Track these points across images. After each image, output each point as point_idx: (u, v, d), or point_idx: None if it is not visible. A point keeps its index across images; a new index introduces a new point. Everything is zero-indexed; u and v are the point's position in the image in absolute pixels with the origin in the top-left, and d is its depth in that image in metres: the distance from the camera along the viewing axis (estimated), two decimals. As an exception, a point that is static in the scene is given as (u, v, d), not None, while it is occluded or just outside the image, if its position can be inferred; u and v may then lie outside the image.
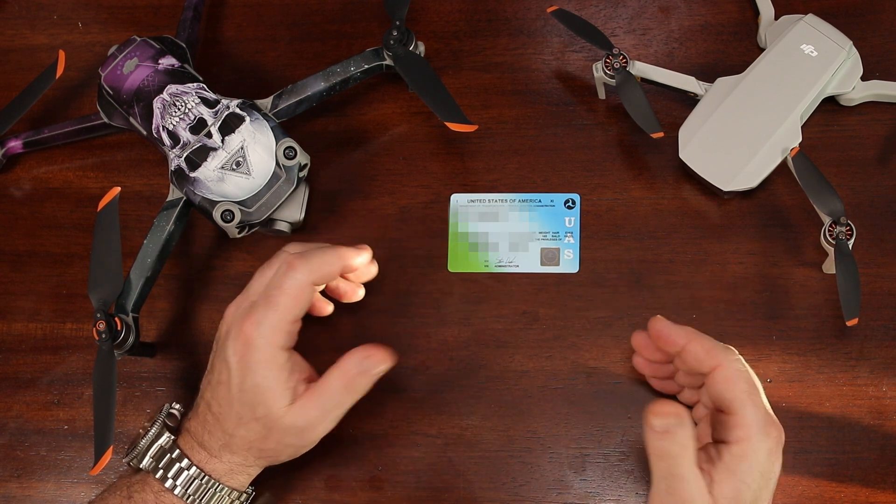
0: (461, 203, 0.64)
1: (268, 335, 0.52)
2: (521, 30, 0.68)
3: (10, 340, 0.64)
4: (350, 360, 0.53)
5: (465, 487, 0.58)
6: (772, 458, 0.49)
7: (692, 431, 0.49)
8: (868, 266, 0.59)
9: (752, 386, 0.50)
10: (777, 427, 0.50)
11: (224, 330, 0.54)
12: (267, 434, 0.53)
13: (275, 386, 0.52)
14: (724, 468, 0.49)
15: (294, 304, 0.52)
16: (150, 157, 0.67)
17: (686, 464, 0.49)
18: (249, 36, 0.70)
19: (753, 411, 0.49)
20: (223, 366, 0.53)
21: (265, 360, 0.52)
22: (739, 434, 0.49)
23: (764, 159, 0.60)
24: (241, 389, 0.52)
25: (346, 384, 0.53)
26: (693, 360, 0.52)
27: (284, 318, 0.52)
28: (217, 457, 0.53)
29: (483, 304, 0.62)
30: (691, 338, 0.52)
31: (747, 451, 0.49)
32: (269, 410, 0.52)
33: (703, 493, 0.48)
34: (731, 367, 0.50)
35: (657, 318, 0.54)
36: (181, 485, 0.52)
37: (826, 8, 0.65)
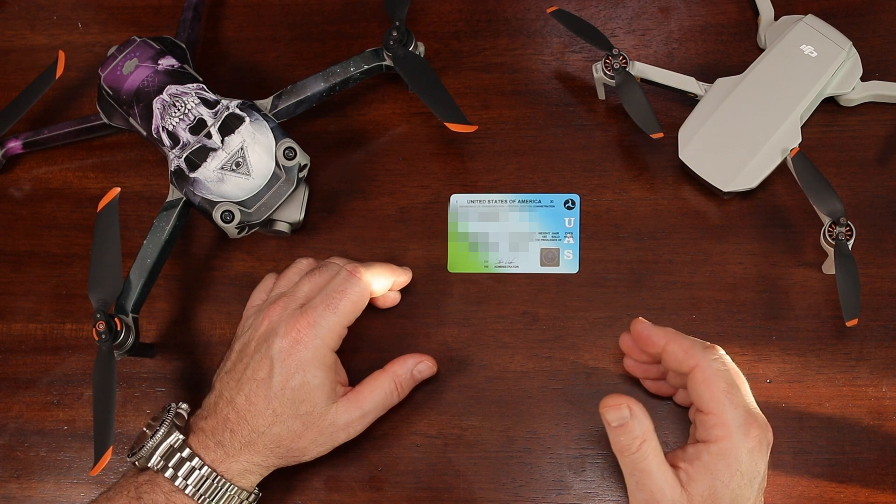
0: (461, 203, 0.64)
1: (323, 335, 0.54)
2: (521, 30, 0.68)
3: (10, 341, 0.64)
4: (403, 365, 0.58)
5: (465, 488, 0.58)
6: (754, 457, 0.49)
7: (648, 424, 0.50)
8: (868, 266, 0.59)
9: (730, 385, 0.50)
10: (760, 426, 0.50)
11: (265, 329, 0.55)
12: (303, 432, 0.54)
13: (322, 385, 0.54)
14: (701, 466, 0.49)
15: (353, 310, 0.55)
16: (149, 158, 0.67)
17: (649, 457, 0.50)
18: (249, 36, 0.70)
19: (732, 410, 0.49)
20: (263, 363, 0.54)
21: (316, 360, 0.54)
22: (718, 433, 0.49)
23: (764, 160, 0.60)
24: (284, 387, 0.53)
25: (398, 387, 0.57)
26: (672, 360, 0.52)
27: (341, 321, 0.55)
28: (234, 456, 0.53)
29: (483, 305, 0.62)
30: (670, 338, 0.52)
31: (726, 451, 0.49)
32: (314, 408, 0.54)
33: (674, 488, 0.49)
34: (709, 366, 0.50)
35: (638, 319, 0.54)
36: (192, 484, 0.52)
37: (826, 8, 0.65)
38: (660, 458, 0.50)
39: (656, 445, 0.50)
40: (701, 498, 0.49)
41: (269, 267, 0.63)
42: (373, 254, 0.63)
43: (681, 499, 0.49)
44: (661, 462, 0.50)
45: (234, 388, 0.54)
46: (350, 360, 0.60)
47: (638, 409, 0.50)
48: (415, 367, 0.58)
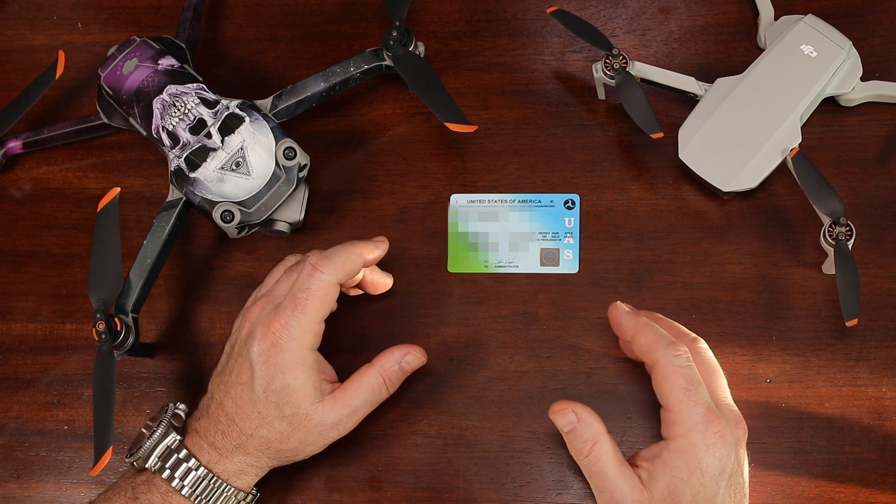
0: (461, 203, 0.64)
1: (297, 336, 0.53)
2: (520, 30, 0.68)
3: (10, 341, 0.64)
4: (390, 357, 0.56)
5: (465, 488, 0.58)
6: (715, 453, 0.49)
7: (598, 426, 0.50)
8: (868, 266, 0.59)
9: (690, 382, 0.50)
10: (723, 422, 0.49)
11: (246, 331, 0.54)
12: (291, 433, 0.53)
13: (304, 386, 0.53)
14: (661, 464, 0.49)
15: (321, 305, 0.53)
16: (149, 158, 0.67)
17: (602, 458, 0.50)
18: (249, 36, 0.70)
19: (690, 408, 0.49)
20: (245, 366, 0.53)
21: (294, 361, 0.53)
22: (676, 430, 0.49)
23: (764, 159, 0.60)
24: (266, 390, 0.53)
25: (385, 380, 0.55)
26: (639, 352, 0.52)
27: (313, 318, 0.53)
28: (227, 457, 0.53)
29: (483, 305, 0.62)
30: (638, 329, 0.52)
31: (683, 448, 0.49)
32: (298, 409, 0.53)
33: (634, 487, 0.49)
34: (670, 363, 0.50)
35: (615, 304, 0.54)
36: (189, 485, 0.52)
37: (826, 8, 0.65)
38: (615, 458, 0.50)
39: (609, 447, 0.50)
40: (661, 496, 0.49)
41: (269, 267, 0.63)
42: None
43: (641, 498, 0.49)
44: (616, 463, 0.50)
45: (223, 390, 0.54)
46: (350, 360, 0.60)
47: (585, 414, 0.51)
48: (402, 360, 0.56)
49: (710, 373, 0.52)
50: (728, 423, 0.50)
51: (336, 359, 0.59)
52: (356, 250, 0.55)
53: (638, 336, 0.52)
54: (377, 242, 0.57)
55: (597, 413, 0.51)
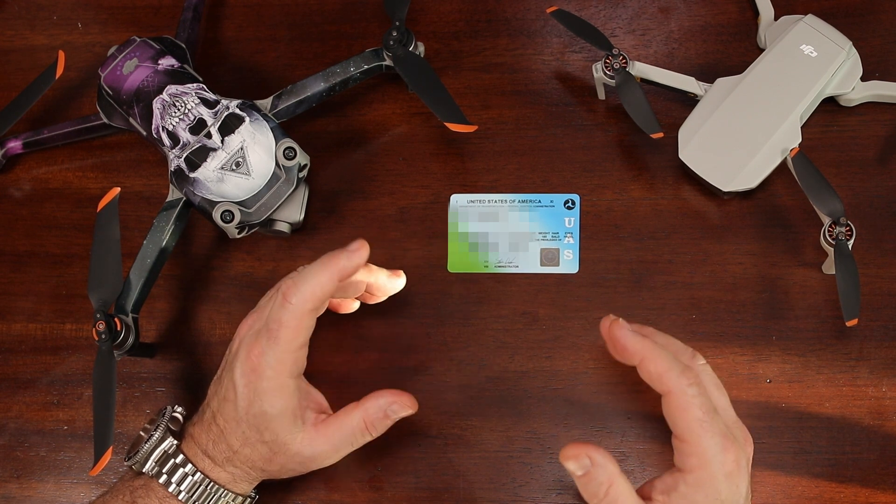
0: (461, 203, 0.64)
1: (274, 365, 0.52)
2: (520, 30, 0.68)
3: (10, 341, 0.64)
4: (375, 402, 0.54)
5: (465, 488, 0.58)
6: (733, 481, 0.47)
7: (612, 467, 0.47)
8: (868, 266, 0.59)
9: (706, 413, 0.47)
10: (738, 446, 0.48)
11: (235, 348, 0.54)
12: (272, 456, 0.53)
13: (283, 414, 0.52)
14: (679, 497, 0.48)
15: (294, 335, 0.52)
16: (149, 158, 0.67)
17: (620, 500, 0.47)
18: (249, 36, 0.70)
19: (707, 439, 0.47)
20: (231, 385, 0.53)
21: (273, 389, 0.52)
22: (693, 463, 0.47)
23: (764, 159, 0.60)
24: (247, 412, 0.52)
25: (368, 425, 0.54)
26: (647, 378, 0.49)
27: (287, 349, 0.52)
28: (221, 466, 0.53)
29: (483, 305, 0.62)
30: (646, 355, 0.49)
31: (703, 480, 0.47)
32: (277, 436, 0.52)
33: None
34: (684, 394, 0.48)
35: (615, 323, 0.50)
36: (186, 490, 0.52)
37: (826, 8, 0.65)
38: (632, 498, 0.48)
39: (624, 487, 0.48)
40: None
41: (269, 267, 0.63)
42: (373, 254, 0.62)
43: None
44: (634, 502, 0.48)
45: (216, 402, 0.54)
46: (350, 360, 0.61)
47: (599, 456, 0.48)
48: (388, 407, 0.54)
49: (715, 392, 0.51)
50: (740, 445, 0.48)
51: (336, 359, 0.60)
52: (328, 269, 0.52)
53: (646, 363, 0.49)
54: (351, 252, 0.52)
55: (609, 453, 0.49)
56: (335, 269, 0.52)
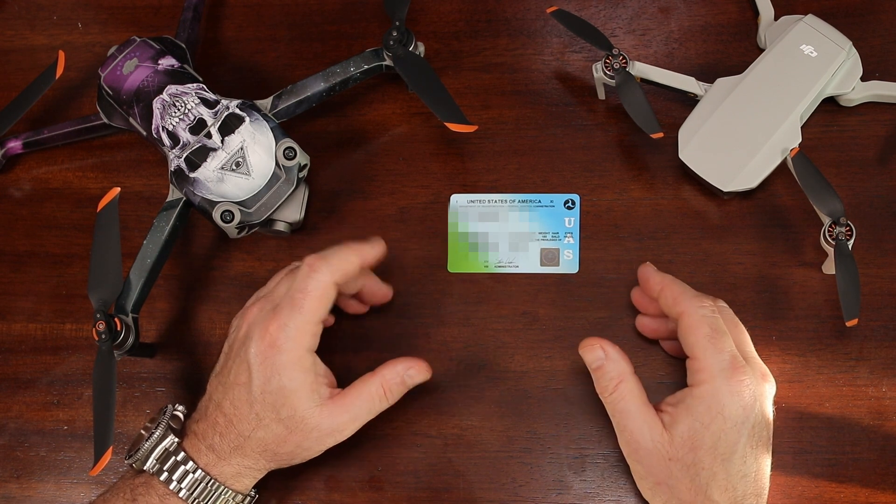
0: (461, 203, 0.64)
1: (294, 337, 0.52)
2: (520, 30, 0.68)
3: (10, 341, 0.64)
4: (392, 368, 0.55)
5: (465, 488, 0.58)
6: (739, 400, 0.50)
7: (625, 365, 0.52)
8: (868, 266, 0.60)
9: (715, 330, 0.51)
10: (750, 373, 0.50)
11: (244, 332, 0.54)
12: (287, 436, 0.53)
13: (302, 388, 0.53)
14: (684, 408, 0.50)
15: (319, 306, 0.53)
16: (149, 158, 0.67)
17: (626, 398, 0.51)
18: (249, 36, 0.70)
19: (714, 355, 0.50)
20: (242, 367, 0.53)
21: (292, 363, 0.52)
22: (701, 377, 0.50)
23: (764, 159, 0.60)
24: (263, 391, 0.52)
25: (386, 391, 0.55)
26: (665, 306, 0.54)
27: (310, 319, 0.53)
28: (226, 459, 0.53)
29: (483, 305, 0.62)
30: (665, 284, 0.54)
31: (707, 393, 0.50)
32: (295, 412, 0.52)
33: (654, 428, 0.51)
34: (695, 313, 0.52)
35: (646, 263, 0.56)
36: (186, 487, 0.52)
37: (826, 8, 0.65)
38: (639, 399, 0.52)
39: (633, 387, 0.52)
40: (681, 439, 0.50)
41: (270, 267, 0.63)
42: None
43: (661, 439, 0.50)
44: (640, 404, 0.51)
45: (221, 392, 0.54)
46: (350, 360, 0.61)
47: (613, 351, 0.53)
48: (405, 373, 0.55)
49: (734, 328, 0.53)
50: (754, 374, 0.51)
51: (336, 359, 0.60)
52: (353, 250, 0.55)
53: (664, 290, 0.54)
54: (374, 243, 0.56)
55: (625, 353, 0.53)
56: (360, 252, 0.55)
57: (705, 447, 0.50)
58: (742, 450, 0.50)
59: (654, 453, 0.51)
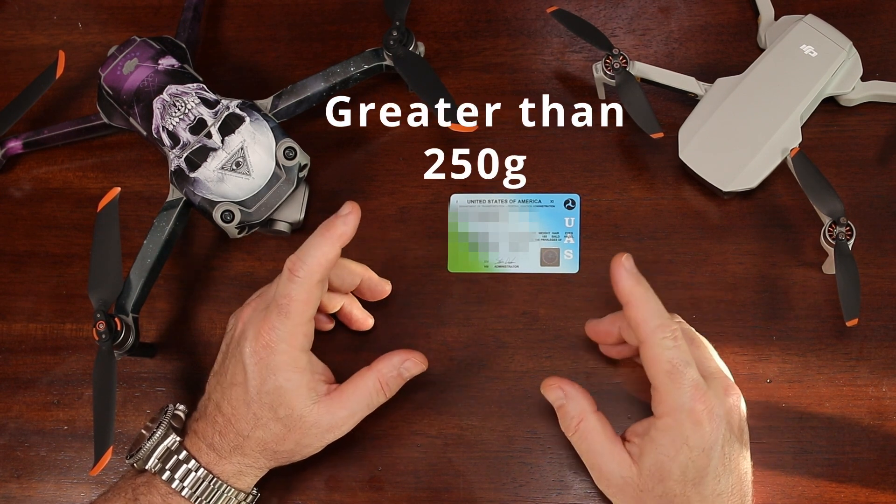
0: (461, 203, 0.64)
1: (286, 338, 0.52)
2: (520, 30, 0.68)
3: (10, 341, 0.64)
4: (389, 362, 0.55)
5: (465, 487, 0.58)
6: (703, 428, 0.49)
7: (585, 404, 0.52)
8: (868, 266, 0.60)
9: (675, 367, 0.49)
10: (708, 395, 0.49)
11: (239, 331, 0.54)
12: (286, 434, 0.53)
13: (298, 387, 0.53)
14: (649, 441, 0.50)
15: (304, 308, 0.53)
16: (150, 158, 0.67)
17: (590, 436, 0.52)
18: (249, 36, 0.70)
19: (674, 391, 0.49)
20: (238, 368, 0.53)
21: (286, 363, 0.52)
22: (661, 410, 0.50)
23: (764, 159, 0.60)
24: (259, 391, 0.52)
25: (383, 385, 0.55)
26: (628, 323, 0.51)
27: (299, 322, 0.52)
28: (226, 458, 0.53)
29: (483, 305, 0.62)
30: (631, 301, 0.50)
31: (669, 426, 0.50)
32: (293, 410, 0.53)
33: (622, 462, 0.51)
34: (656, 345, 0.49)
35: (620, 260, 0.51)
36: (189, 486, 0.52)
37: (826, 8, 0.65)
38: (602, 435, 0.51)
39: (595, 424, 0.52)
40: (649, 471, 0.50)
41: (270, 267, 0.63)
42: (373, 254, 0.63)
43: (629, 473, 0.50)
44: (604, 439, 0.51)
45: (219, 391, 0.54)
46: (350, 359, 0.60)
47: (573, 391, 0.53)
48: (401, 365, 0.55)
49: (691, 344, 0.52)
50: (717, 395, 0.50)
51: (336, 359, 0.59)
52: (327, 237, 0.53)
53: (630, 308, 0.50)
54: (345, 216, 0.53)
55: (586, 391, 0.53)
56: (334, 235, 0.53)
57: (674, 478, 0.49)
58: (714, 471, 0.50)
59: (624, 487, 0.51)
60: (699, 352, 0.53)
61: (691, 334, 0.54)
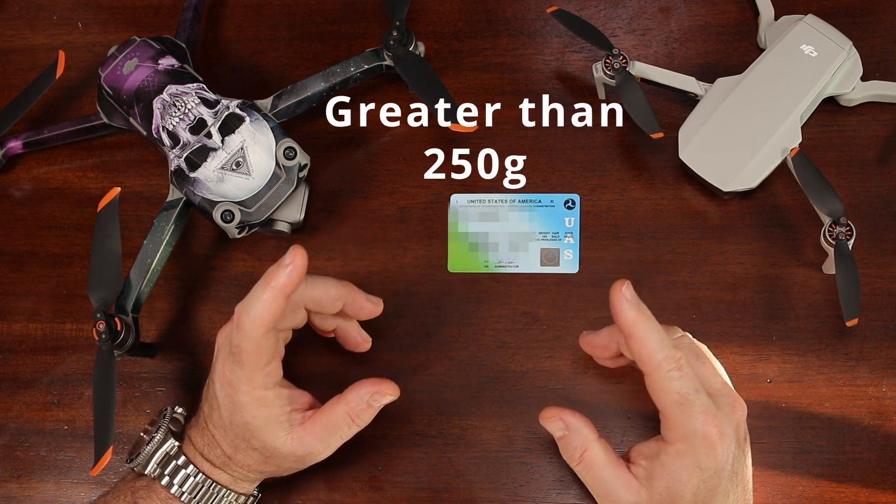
0: (461, 203, 0.64)
1: (246, 382, 0.51)
2: (521, 30, 0.68)
3: (10, 340, 0.64)
4: (356, 393, 0.53)
5: (465, 487, 0.58)
6: (716, 452, 0.48)
7: (588, 433, 0.51)
8: (868, 266, 0.59)
9: (685, 394, 0.48)
10: (718, 417, 0.48)
11: (214, 356, 0.54)
12: (266, 460, 0.53)
13: (266, 423, 0.52)
14: (659, 465, 0.50)
15: (257, 357, 0.50)
16: (150, 158, 0.67)
17: (595, 466, 0.50)
18: (249, 36, 0.70)
19: (687, 419, 0.48)
20: (214, 396, 0.53)
21: (250, 402, 0.51)
22: (675, 436, 0.49)
23: (764, 159, 0.60)
24: (231, 423, 0.52)
25: (352, 417, 0.53)
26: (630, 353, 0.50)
27: (254, 368, 0.50)
28: (219, 468, 0.53)
29: (483, 305, 0.62)
30: (632, 332, 0.49)
31: (682, 453, 0.49)
32: (265, 443, 0.52)
33: (630, 489, 0.50)
34: (663, 377, 0.48)
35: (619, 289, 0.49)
36: (188, 491, 0.52)
37: (826, 8, 0.65)
38: (607, 463, 0.50)
39: (600, 453, 0.51)
40: (660, 497, 0.49)
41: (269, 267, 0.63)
42: (373, 254, 0.63)
43: (638, 499, 0.50)
44: (610, 467, 0.50)
45: (207, 409, 0.54)
46: (350, 360, 0.60)
47: (574, 421, 0.52)
48: (369, 397, 0.53)
49: (696, 360, 0.52)
50: (725, 415, 0.49)
51: (336, 359, 0.60)
52: (269, 289, 0.49)
53: (632, 341, 0.49)
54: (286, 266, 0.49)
55: (586, 418, 0.52)
56: (276, 288, 0.49)
57: (685, 500, 0.49)
58: (724, 489, 0.49)
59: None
60: (704, 369, 0.52)
61: (696, 349, 0.52)
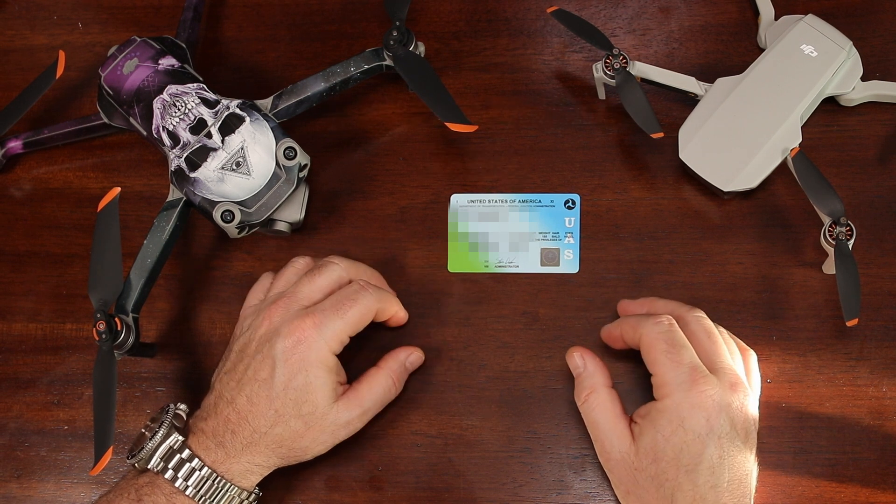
0: (461, 203, 0.64)
1: (328, 338, 0.54)
2: (521, 30, 0.68)
3: (10, 340, 0.64)
4: (395, 359, 0.59)
5: (465, 487, 0.58)
6: (701, 412, 0.50)
7: (599, 378, 0.54)
8: (868, 266, 0.60)
9: (671, 345, 0.52)
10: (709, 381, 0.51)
11: (266, 329, 0.55)
12: (305, 431, 0.54)
13: (324, 385, 0.54)
14: (648, 421, 0.52)
15: (359, 319, 0.56)
16: (150, 157, 0.67)
17: (596, 409, 0.54)
18: (249, 36, 0.70)
19: (672, 369, 0.52)
20: (265, 363, 0.54)
21: (319, 361, 0.54)
22: (662, 391, 0.52)
23: (764, 159, 0.60)
24: (287, 387, 0.53)
25: (395, 381, 0.58)
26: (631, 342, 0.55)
27: (347, 327, 0.55)
28: (235, 457, 0.53)
29: (483, 305, 0.62)
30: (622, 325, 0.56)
31: (667, 407, 0.51)
32: (316, 408, 0.54)
33: (623, 440, 0.52)
34: (650, 332, 0.53)
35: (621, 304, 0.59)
36: (193, 485, 0.52)
37: (826, 8, 0.65)
38: (610, 411, 0.53)
39: (604, 399, 0.54)
40: (644, 450, 0.51)
41: (270, 267, 0.63)
42: (373, 254, 0.63)
43: (628, 450, 0.52)
44: (610, 415, 0.53)
45: (234, 388, 0.54)
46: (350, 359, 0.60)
47: (591, 364, 0.55)
48: (406, 360, 0.59)
49: (707, 338, 0.54)
50: (719, 384, 0.51)
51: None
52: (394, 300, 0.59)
53: (624, 328, 0.55)
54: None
55: (605, 367, 0.55)
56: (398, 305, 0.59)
57: (667, 458, 0.50)
58: (709, 461, 0.50)
59: (621, 464, 0.52)
60: (714, 347, 0.54)
61: (709, 328, 0.54)
